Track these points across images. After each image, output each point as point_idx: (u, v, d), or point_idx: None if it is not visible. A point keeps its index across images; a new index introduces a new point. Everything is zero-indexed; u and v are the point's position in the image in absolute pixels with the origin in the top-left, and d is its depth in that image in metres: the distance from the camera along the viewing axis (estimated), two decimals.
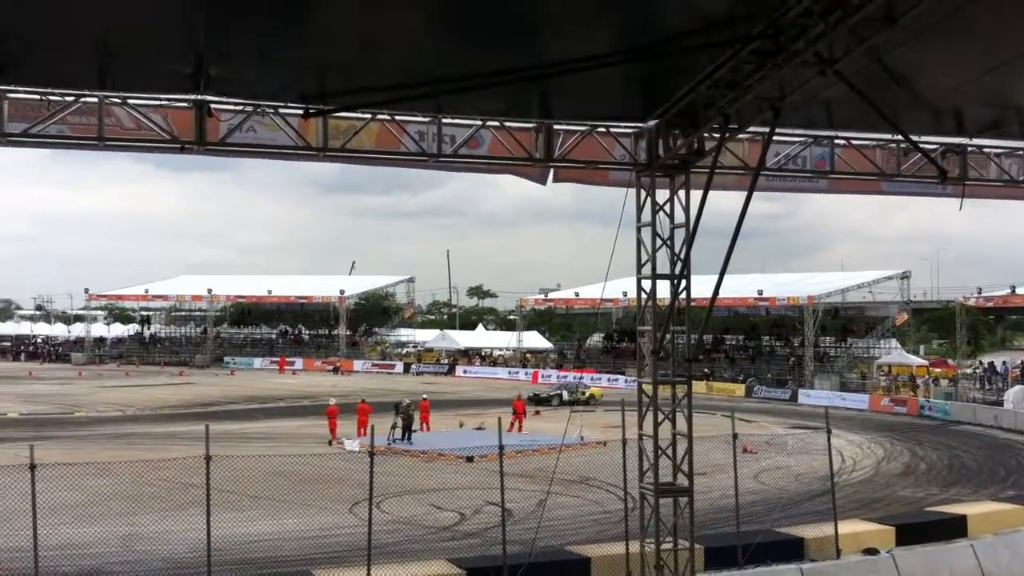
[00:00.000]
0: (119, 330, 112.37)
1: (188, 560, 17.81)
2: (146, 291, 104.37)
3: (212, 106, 13.15)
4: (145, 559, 19.23)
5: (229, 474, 17.55)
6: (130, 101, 12.91)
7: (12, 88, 12.41)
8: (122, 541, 20.64)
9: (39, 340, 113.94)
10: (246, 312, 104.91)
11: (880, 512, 24.06)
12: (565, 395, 54.17)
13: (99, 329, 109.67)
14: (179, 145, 13.32)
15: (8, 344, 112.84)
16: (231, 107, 13.38)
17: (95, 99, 12.77)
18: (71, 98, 12.66)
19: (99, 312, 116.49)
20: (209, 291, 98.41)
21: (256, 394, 60.45)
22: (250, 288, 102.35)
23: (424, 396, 42.72)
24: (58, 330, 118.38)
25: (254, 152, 14.20)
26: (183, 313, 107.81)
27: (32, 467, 14.38)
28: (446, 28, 11.93)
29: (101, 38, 11.41)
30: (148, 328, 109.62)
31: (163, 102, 13.10)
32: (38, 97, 12.59)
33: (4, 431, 39.57)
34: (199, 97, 12.92)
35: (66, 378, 74.61)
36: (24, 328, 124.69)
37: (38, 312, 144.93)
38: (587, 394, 54.82)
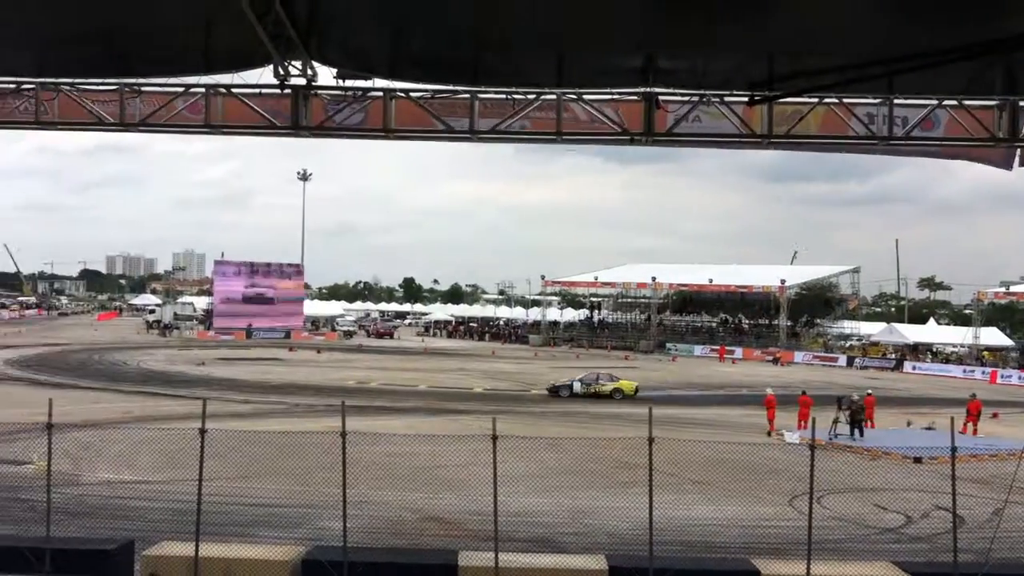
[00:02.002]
0: (571, 314, 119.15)
1: (630, 537, 18.46)
2: (595, 278, 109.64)
3: (660, 98, 13.54)
4: (591, 532, 20.15)
5: (670, 457, 17.96)
6: (585, 97, 13.65)
7: (483, 89, 13.59)
8: (570, 514, 21.78)
9: (501, 322, 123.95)
10: (687, 300, 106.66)
11: None
12: (577, 387, 48.54)
13: (553, 313, 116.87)
14: (628, 137, 13.85)
15: (475, 325, 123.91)
16: (678, 98, 13.69)
17: (553, 96, 13.64)
18: (532, 96, 13.63)
19: (553, 297, 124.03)
20: (653, 279, 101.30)
21: (696, 381, 61.22)
22: (691, 276, 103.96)
23: (869, 391, 40.91)
24: (517, 313, 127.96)
25: (699, 141, 14.44)
26: (629, 300, 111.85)
27: (494, 438, 15.67)
28: (903, 2, 11.34)
29: (563, 38, 12.17)
30: (597, 313, 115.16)
31: (614, 96, 13.70)
32: (504, 96, 13.69)
33: (470, 404, 43.52)
34: (648, 90, 13.37)
35: (523, 358, 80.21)
36: (488, 311, 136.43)
37: (500, 296, 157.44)
38: (610, 388, 48.32)
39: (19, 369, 55.11)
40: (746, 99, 13.30)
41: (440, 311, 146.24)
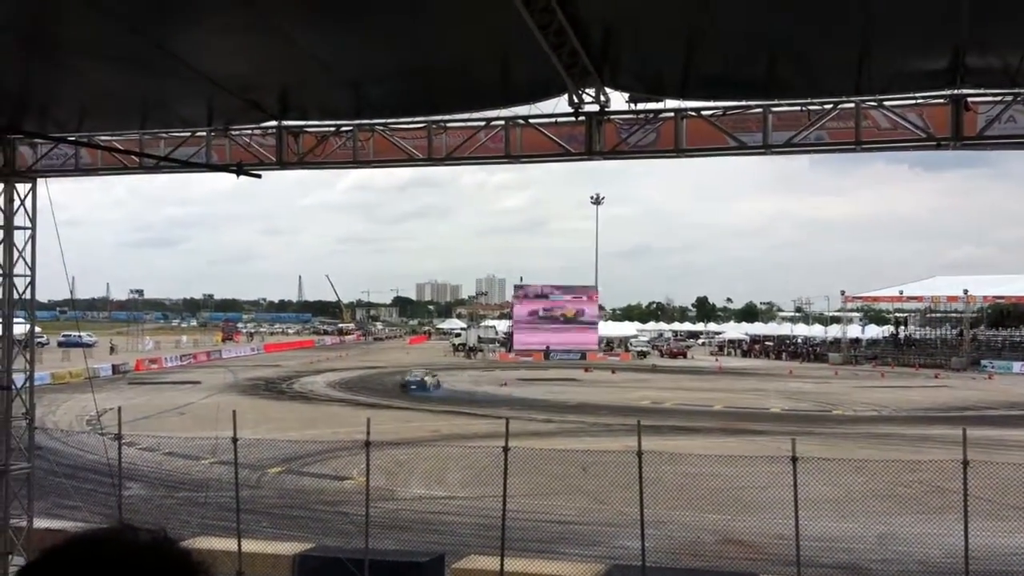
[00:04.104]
0: (873, 331, 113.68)
1: (944, 566, 17.46)
2: (900, 292, 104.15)
3: (969, 99, 12.77)
4: (901, 559, 19.23)
5: (988, 482, 16.86)
6: (886, 103, 13.09)
7: (776, 102, 13.36)
8: (877, 539, 20.86)
9: (798, 340, 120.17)
10: (1004, 313, 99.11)
11: None
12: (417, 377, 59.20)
13: (854, 330, 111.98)
14: (935, 142, 13.16)
15: (770, 344, 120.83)
16: (989, 98, 12.85)
17: (851, 104, 13.20)
18: (829, 105, 13.25)
19: (854, 314, 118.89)
20: (965, 292, 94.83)
21: (1017, 400, 56.70)
22: (1009, 288, 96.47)
23: None
24: (815, 331, 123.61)
25: (1014, 143, 13.48)
26: (938, 314, 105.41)
27: (794, 459, 15.28)
28: None
29: (864, 45, 11.73)
30: (903, 329, 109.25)
31: (918, 100, 13.06)
32: (798, 108, 13.40)
33: (767, 425, 42.55)
34: (955, 92, 12.64)
35: (822, 377, 77.38)
36: (784, 329, 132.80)
37: (797, 314, 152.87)
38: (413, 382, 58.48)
39: (340, 391, 59.47)
40: None
41: (734, 330, 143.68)
